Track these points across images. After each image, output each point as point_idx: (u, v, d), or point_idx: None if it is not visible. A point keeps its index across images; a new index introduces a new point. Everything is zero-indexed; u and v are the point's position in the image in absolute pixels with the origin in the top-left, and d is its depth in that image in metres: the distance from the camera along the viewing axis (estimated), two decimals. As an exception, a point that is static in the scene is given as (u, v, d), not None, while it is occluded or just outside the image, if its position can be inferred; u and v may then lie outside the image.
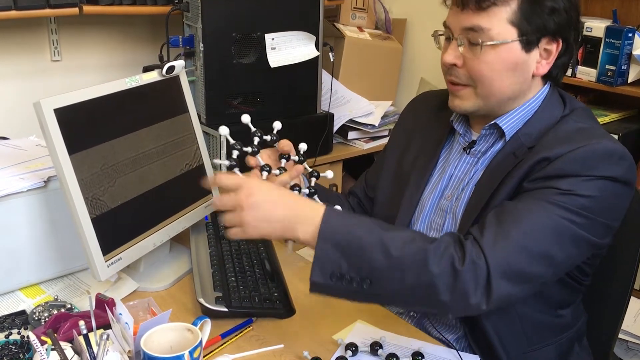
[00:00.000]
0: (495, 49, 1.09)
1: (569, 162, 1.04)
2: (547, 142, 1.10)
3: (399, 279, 0.97)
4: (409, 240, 0.99)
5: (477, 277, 0.96)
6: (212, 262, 1.28)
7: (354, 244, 0.98)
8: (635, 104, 2.13)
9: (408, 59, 2.86)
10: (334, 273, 0.98)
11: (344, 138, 2.56)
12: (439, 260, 0.96)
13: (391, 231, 1.00)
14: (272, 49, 2.12)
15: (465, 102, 1.15)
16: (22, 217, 1.20)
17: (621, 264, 1.30)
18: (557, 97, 1.18)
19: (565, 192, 1.02)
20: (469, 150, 1.21)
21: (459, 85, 1.15)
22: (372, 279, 0.97)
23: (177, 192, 1.32)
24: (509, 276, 0.98)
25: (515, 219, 1.02)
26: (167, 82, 1.31)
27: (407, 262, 0.96)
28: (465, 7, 1.09)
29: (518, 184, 1.09)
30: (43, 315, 1.13)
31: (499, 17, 1.08)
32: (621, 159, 1.06)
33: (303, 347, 1.09)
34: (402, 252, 0.97)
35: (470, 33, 1.10)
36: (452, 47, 1.13)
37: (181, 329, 0.97)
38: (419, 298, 1.00)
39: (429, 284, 0.96)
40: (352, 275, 0.97)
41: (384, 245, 0.97)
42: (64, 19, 2.23)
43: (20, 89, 2.23)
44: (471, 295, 0.96)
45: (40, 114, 1.06)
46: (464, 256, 0.97)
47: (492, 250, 0.98)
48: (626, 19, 2.09)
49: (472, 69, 1.11)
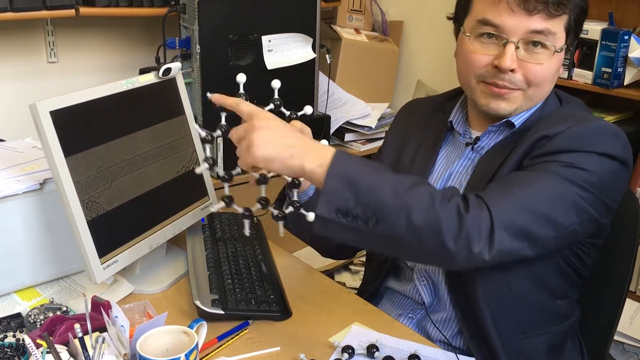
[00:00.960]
0: (558, 55, 1.13)
1: (568, 138, 1.07)
2: (544, 124, 1.13)
3: (406, 219, 0.95)
4: (417, 182, 1.00)
5: (480, 226, 0.96)
6: (208, 264, 1.28)
7: (363, 181, 0.96)
8: (631, 106, 2.13)
9: (405, 61, 2.87)
10: (340, 208, 0.95)
11: (341, 140, 2.56)
12: (446, 204, 0.97)
13: (401, 175, 1.02)
14: (268, 50, 2.12)
15: (511, 105, 1.15)
16: (18, 220, 1.20)
17: (617, 266, 1.30)
18: (553, 94, 1.22)
19: (567, 164, 1.05)
20: (473, 146, 1.22)
21: (508, 89, 1.14)
22: (378, 217, 0.95)
23: (174, 195, 1.32)
24: (511, 230, 0.99)
25: (519, 182, 1.04)
26: (163, 84, 1.31)
27: (414, 202, 0.95)
28: (534, 11, 1.09)
29: (518, 163, 1.11)
30: (39, 318, 1.12)
31: (562, 24, 1.12)
32: (616, 136, 1.09)
33: (299, 349, 1.09)
34: (410, 192, 0.96)
35: (537, 36, 1.10)
36: (510, 51, 1.11)
37: (177, 331, 0.97)
38: (423, 242, 0.97)
39: (435, 227, 0.95)
40: (358, 212, 0.95)
41: (393, 185, 0.97)
42: (60, 20, 2.23)
43: (17, 91, 2.22)
44: (475, 242, 0.96)
45: (36, 116, 1.06)
46: (469, 204, 0.98)
47: (495, 203, 0.99)
48: (622, 21, 2.09)
49: (534, 74, 1.12)
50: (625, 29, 1.97)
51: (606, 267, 1.30)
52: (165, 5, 2.16)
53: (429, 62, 2.74)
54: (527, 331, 1.17)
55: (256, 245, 1.38)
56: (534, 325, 1.18)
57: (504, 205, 1.00)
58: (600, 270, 1.27)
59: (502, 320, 1.15)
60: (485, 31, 1.12)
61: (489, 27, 1.12)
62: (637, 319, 1.96)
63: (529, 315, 1.17)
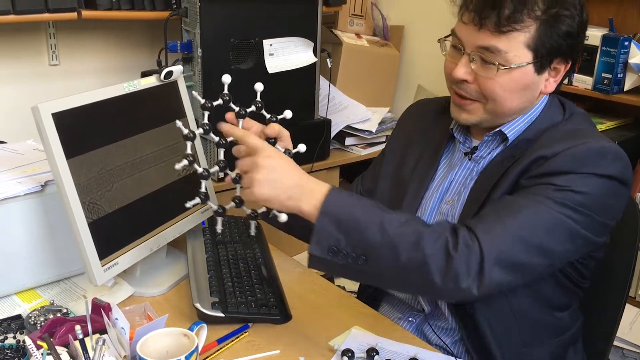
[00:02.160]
0: (510, 72, 1.09)
1: (565, 159, 1.06)
2: (544, 142, 1.12)
3: (393, 257, 0.99)
4: (405, 221, 1.01)
5: (469, 262, 0.98)
6: (208, 267, 1.28)
7: (352, 220, 1.00)
8: (631, 112, 2.13)
9: (405, 66, 2.87)
10: (331, 247, 1.00)
11: (342, 144, 2.56)
12: (434, 242, 0.98)
13: (390, 212, 1.03)
14: (270, 54, 2.13)
15: (472, 116, 1.16)
16: (19, 221, 1.20)
17: (616, 272, 1.30)
18: (557, 103, 1.20)
19: (561, 188, 1.04)
20: (471, 156, 1.22)
21: (467, 99, 1.15)
22: (368, 256, 0.99)
23: (174, 197, 1.32)
24: (502, 264, 0.99)
25: (512, 211, 1.03)
26: (165, 87, 1.31)
27: (401, 241, 0.98)
28: (482, 27, 1.08)
29: (515, 181, 1.11)
30: (39, 320, 1.12)
31: (517, 41, 1.08)
32: (616, 157, 1.07)
33: (299, 353, 1.09)
34: (397, 231, 0.99)
35: (485, 52, 1.09)
36: (463, 63, 1.12)
37: (177, 334, 0.97)
38: (411, 278, 1.02)
39: (422, 264, 0.98)
40: (349, 250, 0.99)
41: (381, 224, 0.99)
42: (62, 23, 2.23)
43: (19, 93, 2.23)
44: (463, 279, 0.97)
45: (38, 118, 1.06)
46: (458, 241, 0.98)
47: (486, 237, 0.99)
48: (622, 27, 2.10)
49: (485, 88, 1.12)
50: (625, 34, 1.98)
51: (606, 272, 1.30)
52: (167, 8, 2.16)
53: (430, 67, 2.74)
54: (528, 343, 1.17)
55: (256, 248, 1.38)
56: (535, 338, 1.18)
57: (496, 238, 1.00)
58: (600, 276, 1.27)
59: (502, 335, 1.15)
60: (454, 40, 1.16)
61: (455, 37, 1.15)
62: (636, 325, 1.96)
63: (530, 328, 1.17)
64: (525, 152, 1.12)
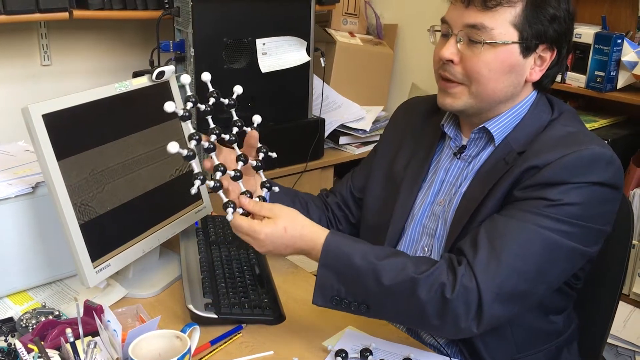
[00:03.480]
0: (495, 49, 1.10)
1: (558, 169, 1.05)
2: (536, 149, 1.10)
3: (392, 305, 1.04)
4: (400, 268, 1.03)
5: (468, 303, 1.00)
6: (201, 268, 1.27)
7: (351, 272, 1.04)
8: (624, 110, 2.14)
9: (399, 64, 2.87)
10: (333, 297, 1.06)
11: (335, 143, 2.56)
12: (429, 289, 1.01)
13: (386, 259, 1.05)
14: (263, 54, 2.12)
15: (457, 101, 1.15)
16: (10, 223, 1.19)
17: (610, 269, 1.31)
18: (545, 101, 1.19)
19: (554, 202, 1.04)
20: (460, 155, 1.21)
21: (452, 82, 1.14)
22: (368, 305, 1.05)
23: (167, 198, 1.32)
24: (501, 298, 1.01)
25: (506, 240, 1.03)
26: (157, 88, 1.30)
27: (396, 290, 1.02)
28: (470, 4, 1.09)
29: (508, 191, 1.10)
30: (31, 323, 1.12)
31: (503, 18, 1.09)
32: (609, 163, 1.07)
33: (293, 353, 1.08)
34: (393, 281, 1.02)
35: (472, 30, 1.10)
36: (450, 43, 1.12)
37: (170, 336, 0.97)
38: (413, 321, 1.09)
39: (418, 310, 1.02)
40: (350, 299, 1.06)
41: (377, 273, 1.03)
42: (54, 23, 2.22)
43: (10, 94, 2.22)
44: (462, 320, 1.01)
45: (28, 120, 1.05)
46: (455, 282, 1.00)
47: (483, 273, 1.01)
48: (615, 25, 2.10)
49: (470, 67, 1.11)
50: (618, 32, 1.98)
51: (599, 271, 1.30)
52: (159, 8, 2.15)
53: (424, 66, 2.74)
54: (522, 351, 1.17)
55: (249, 249, 1.37)
56: (530, 345, 1.18)
57: (493, 273, 1.01)
58: (593, 274, 1.27)
59: (493, 343, 1.15)
60: (442, 28, 1.16)
61: (444, 25, 1.16)
62: (630, 322, 1.97)
63: (525, 335, 1.17)
64: (518, 160, 1.11)
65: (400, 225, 1.25)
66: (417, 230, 1.24)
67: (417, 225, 1.24)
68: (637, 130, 2.09)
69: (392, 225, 1.25)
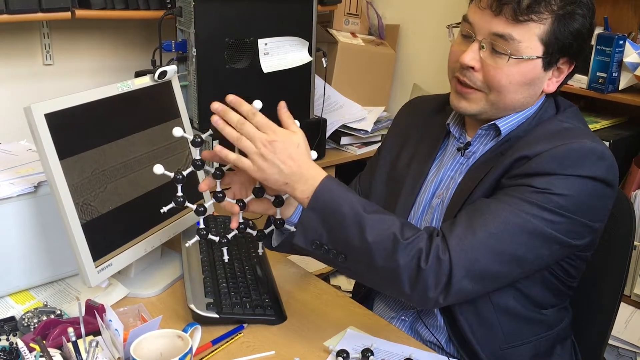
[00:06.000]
0: (520, 63, 1.09)
1: (547, 160, 1.05)
2: (529, 140, 1.11)
3: (368, 261, 1.02)
4: (386, 227, 1.02)
5: (438, 275, 1.00)
6: (203, 267, 1.28)
7: (336, 219, 1.02)
8: (626, 111, 2.14)
9: (401, 65, 2.87)
10: (314, 241, 1.03)
11: (337, 143, 2.56)
12: (407, 254, 1.00)
13: (374, 214, 1.03)
14: (265, 54, 2.12)
15: (473, 105, 1.15)
16: (12, 223, 1.19)
17: (611, 270, 1.31)
18: (552, 102, 1.19)
19: (540, 190, 1.04)
20: (464, 151, 1.21)
21: (470, 88, 1.14)
22: (347, 255, 1.03)
23: (169, 198, 1.31)
24: (471, 275, 1.01)
25: (485, 218, 1.03)
26: (159, 87, 1.30)
27: (377, 248, 1.01)
28: (500, 14, 1.07)
29: (497, 180, 1.11)
30: (32, 322, 1.12)
31: (532, 32, 1.07)
32: (600, 158, 1.06)
33: (294, 353, 1.08)
34: (375, 238, 1.00)
35: (498, 40, 1.08)
36: (472, 49, 1.11)
37: (171, 335, 0.97)
38: (385, 283, 1.06)
39: (394, 273, 1.01)
40: (330, 247, 1.03)
41: (361, 227, 1.01)
42: (56, 23, 2.22)
43: (12, 93, 2.22)
44: (430, 290, 1.00)
45: (30, 119, 1.06)
46: (430, 252, 1.00)
47: (457, 248, 1.01)
48: (617, 26, 2.10)
49: (491, 77, 1.11)
50: (620, 33, 1.98)
51: (601, 271, 1.30)
52: (161, 8, 2.16)
53: (425, 66, 2.74)
54: (510, 341, 1.17)
55: (251, 248, 1.38)
56: (518, 335, 1.18)
57: (467, 249, 1.01)
58: (594, 274, 1.27)
59: (483, 333, 1.15)
60: (464, 28, 1.14)
61: (466, 24, 1.13)
62: (631, 323, 1.97)
63: (512, 326, 1.17)
64: (509, 150, 1.12)
65: None
66: (418, 225, 1.24)
67: (417, 221, 1.24)
68: (639, 131, 2.09)
69: None
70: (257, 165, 1.02)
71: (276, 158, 1.02)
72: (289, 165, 1.02)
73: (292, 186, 1.04)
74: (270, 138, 1.02)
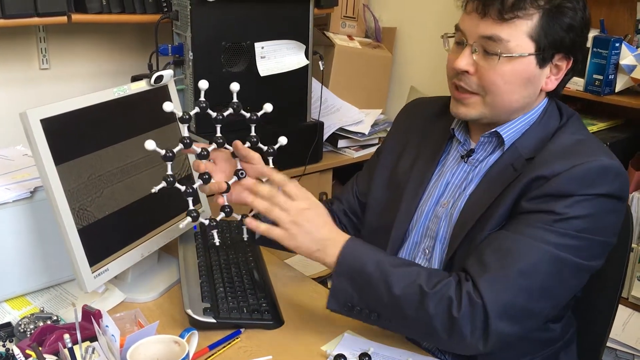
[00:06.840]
0: (512, 62, 1.09)
1: (566, 181, 1.05)
2: (545, 158, 1.10)
3: (401, 316, 1.05)
4: (411, 280, 1.05)
5: (474, 321, 1.01)
6: (200, 272, 1.27)
7: (364, 279, 1.06)
8: (622, 114, 2.14)
9: (398, 68, 2.87)
10: (346, 303, 1.09)
11: (334, 146, 2.56)
12: (437, 303, 1.02)
13: (398, 267, 1.07)
14: (261, 57, 2.12)
15: (471, 110, 1.15)
16: (8, 228, 1.19)
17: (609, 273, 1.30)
18: (554, 107, 1.19)
19: (562, 217, 1.03)
20: (467, 158, 1.21)
21: (466, 92, 1.14)
22: (378, 313, 1.07)
23: (165, 202, 1.31)
24: (508, 316, 1.02)
25: (513, 257, 1.03)
26: (155, 92, 1.30)
27: (405, 300, 1.04)
28: (485, 15, 1.08)
29: (515, 200, 1.09)
30: (29, 328, 1.11)
31: (520, 30, 1.07)
32: (617, 175, 1.06)
33: (292, 358, 1.08)
34: (402, 292, 1.04)
35: (488, 42, 1.09)
36: (465, 54, 1.11)
37: (168, 341, 0.96)
38: (421, 333, 1.10)
39: (426, 323, 1.04)
40: (362, 307, 1.08)
41: (388, 282, 1.05)
42: (52, 27, 2.22)
43: (8, 98, 2.21)
44: (468, 337, 1.02)
45: (26, 124, 1.05)
46: (461, 300, 1.01)
47: (489, 291, 1.01)
48: (613, 28, 2.10)
49: (485, 79, 1.11)
50: (616, 36, 1.98)
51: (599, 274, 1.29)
52: (157, 12, 2.16)
53: (422, 69, 2.74)
54: (519, 356, 1.17)
55: (248, 252, 1.37)
56: (526, 351, 1.17)
57: (500, 292, 1.01)
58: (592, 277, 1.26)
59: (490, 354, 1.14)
60: (457, 36, 1.15)
61: (458, 32, 1.15)
62: (629, 326, 1.97)
63: (521, 344, 1.15)
64: (526, 168, 1.11)
65: (404, 227, 1.24)
66: (420, 232, 1.23)
67: (420, 227, 1.23)
68: (635, 133, 2.09)
69: (396, 227, 1.24)
70: (290, 233, 1.08)
71: (310, 225, 1.09)
72: (321, 232, 1.09)
73: (323, 252, 1.09)
74: (302, 206, 1.09)
